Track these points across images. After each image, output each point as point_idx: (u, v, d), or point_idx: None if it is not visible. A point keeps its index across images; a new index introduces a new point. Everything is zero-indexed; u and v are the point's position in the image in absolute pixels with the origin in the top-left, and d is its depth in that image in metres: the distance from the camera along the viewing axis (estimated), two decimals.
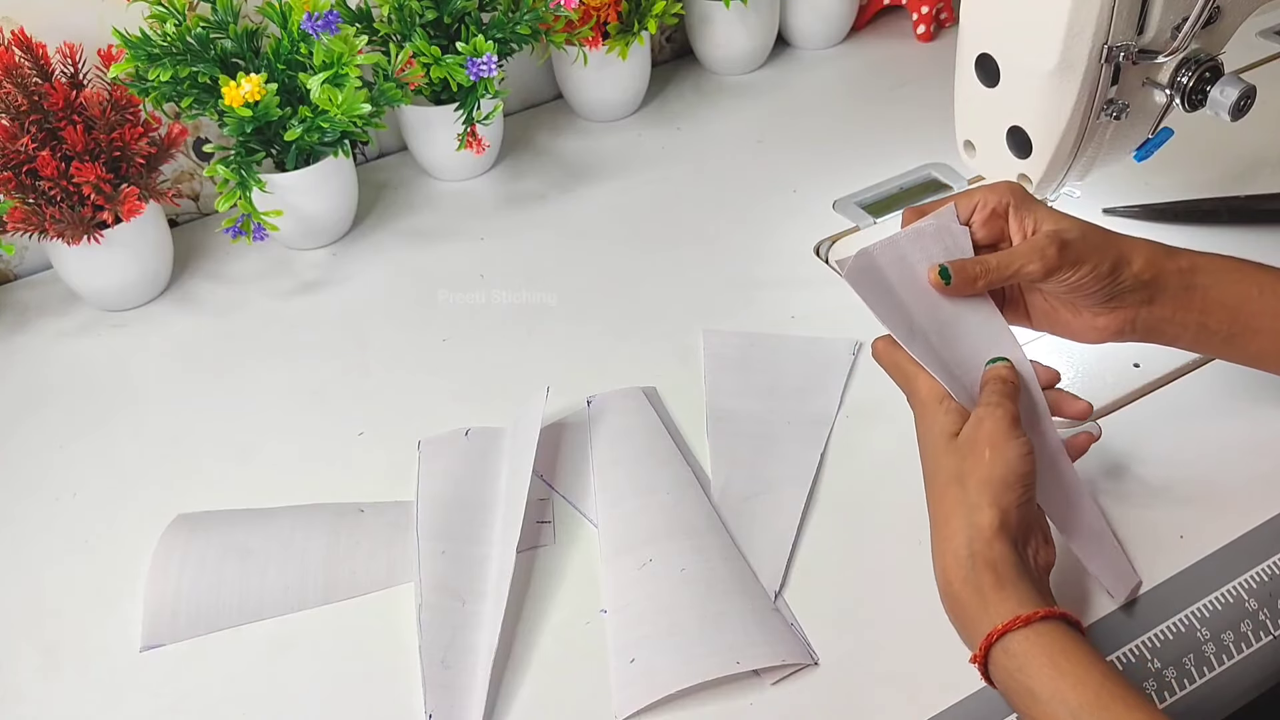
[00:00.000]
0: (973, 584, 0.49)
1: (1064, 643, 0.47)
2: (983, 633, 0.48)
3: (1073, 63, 0.62)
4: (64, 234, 0.77)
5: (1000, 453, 0.51)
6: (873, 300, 0.56)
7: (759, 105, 1.04)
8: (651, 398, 0.72)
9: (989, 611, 0.49)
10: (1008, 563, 0.49)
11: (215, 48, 0.81)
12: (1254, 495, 0.63)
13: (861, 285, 0.56)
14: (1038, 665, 0.47)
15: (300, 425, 0.74)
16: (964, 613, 0.50)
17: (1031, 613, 0.48)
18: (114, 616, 0.62)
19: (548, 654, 0.58)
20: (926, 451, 0.55)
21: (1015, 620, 0.47)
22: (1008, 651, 0.48)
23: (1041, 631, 0.47)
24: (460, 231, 0.91)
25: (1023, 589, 0.49)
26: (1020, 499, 0.51)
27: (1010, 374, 0.56)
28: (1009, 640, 0.48)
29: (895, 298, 0.57)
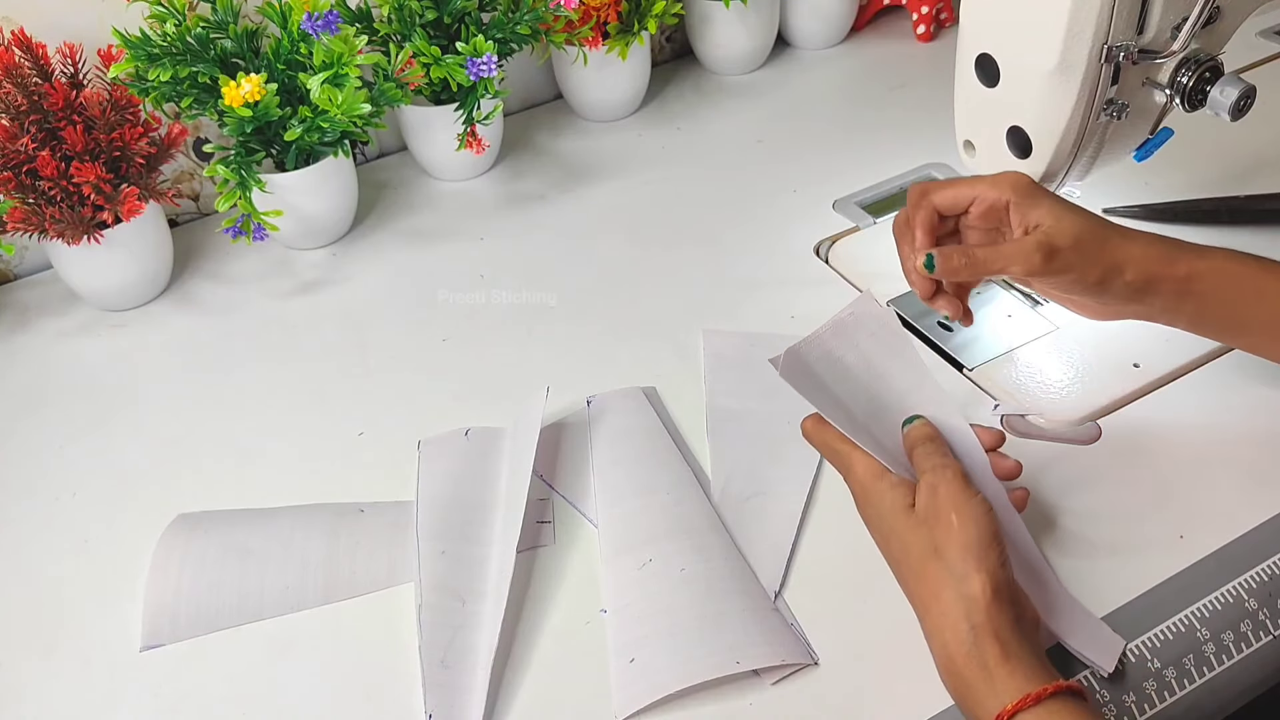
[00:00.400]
0: (977, 659, 0.48)
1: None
2: (991, 712, 0.47)
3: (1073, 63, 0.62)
4: (64, 234, 0.77)
5: (965, 514, 0.51)
6: (811, 396, 0.56)
7: (759, 105, 1.04)
8: (651, 398, 0.72)
9: (995, 689, 0.47)
10: (1009, 629, 0.48)
11: (215, 48, 0.81)
12: (1254, 495, 0.63)
13: (796, 383, 0.56)
14: None
15: (300, 425, 0.74)
16: (969, 691, 0.49)
17: (1040, 690, 0.46)
18: (114, 616, 0.62)
19: (548, 654, 0.58)
20: (885, 529, 0.54)
21: (1025, 699, 0.46)
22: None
23: (1054, 710, 0.46)
24: (460, 231, 0.91)
25: (1027, 660, 0.48)
26: (1000, 558, 0.50)
27: (931, 430, 0.56)
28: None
29: (829, 392, 0.57)
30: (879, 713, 0.55)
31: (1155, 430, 0.67)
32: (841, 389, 0.58)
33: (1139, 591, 0.58)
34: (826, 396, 0.57)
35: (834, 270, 0.83)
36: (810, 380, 0.57)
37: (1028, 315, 0.76)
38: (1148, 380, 0.70)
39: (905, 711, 0.54)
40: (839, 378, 0.58)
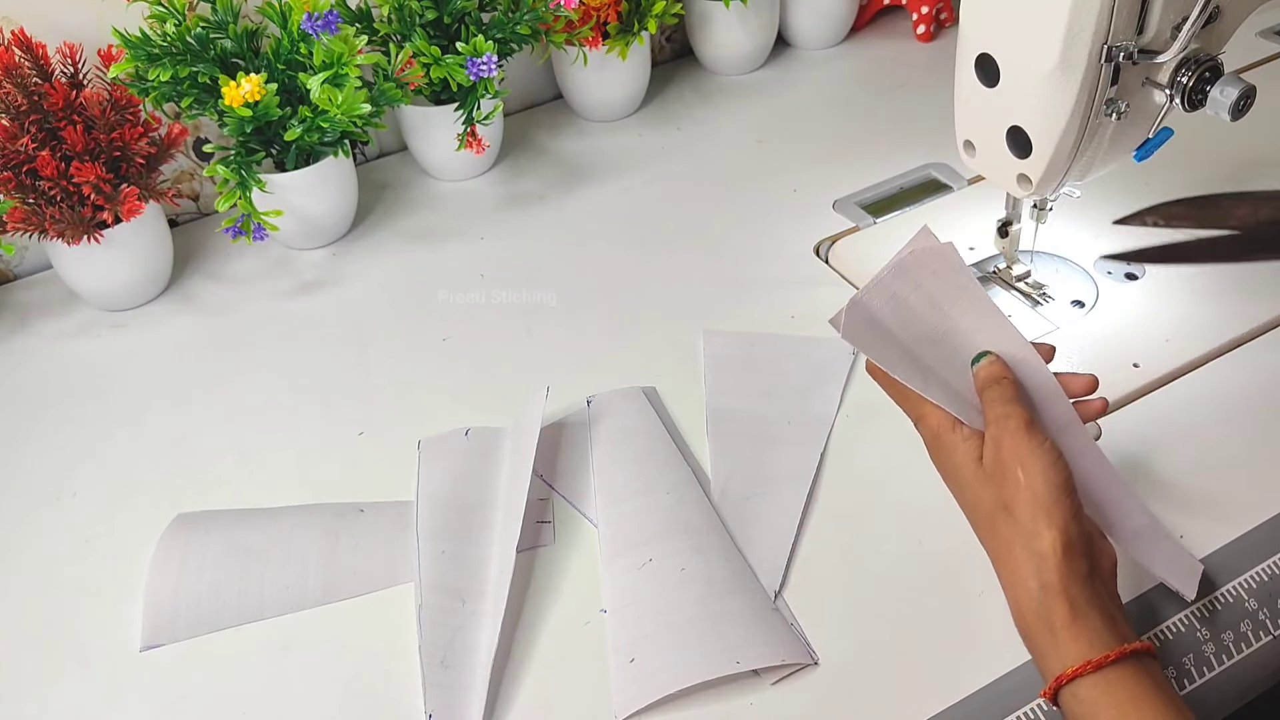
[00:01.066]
0: (1044, 619, 0.48)
1: (1134, 692, 0.46)
2: (1053, 672, 0.47)
3: (1073, 63, 0.62)
4: (64, 234, 0.77)
5: (1031, 468, 0.50)
6: (876, 351, 0.54)
7: (759, 105, 1.04)
8: (651, 398, 0.72)
9: (1059, 650, 0.47)
10: (1079, 588, 0.48)
11: (215, 48, 0.81)
12: (1254, 495, 0.63)
13: (860, 338, 0.54)
14: (1106, 716, 0.45)
15: (300, 425, 0.74)
16: (1036, 649, 0.49)
17: (1102, 657, 0.46)
18: (114, 616, 0.62)
19: (548, 654, 0.58)
20: (957, 484, 0.54)
21: (1086, 665, 0.46)
22: (1077, 697, 0.46)
23: (1113, 679, 0.46)
24: (460, 231, 0.91)
25: (1095, 623, 0.47)
26: (1071, 509, 0.49)
27: (999, 369, 0.54)
28: (1078, 686, 0.46)
29: (896, 341, 0.56)
30: (879, 713, 0.55)
31: (1155, 430, 0.67)
32: (908, 333, 0.56)
33: (1139, 591, 0.58)
34: (893, 347, 0.55)
35: (834, 270, 0.83)
36: (875, 331, 0.55)
37: (1028, 315, 0.76)
38: (1148, 380, 0.70)
39: (905, 711, 0.54)
40: (905, 321, 0.56)
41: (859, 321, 0.55)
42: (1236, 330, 0.73)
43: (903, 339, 0.56)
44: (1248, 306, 0.75)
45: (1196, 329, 0.73)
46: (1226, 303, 0.75)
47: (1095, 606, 0.48)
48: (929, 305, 0.57)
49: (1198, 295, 0.76)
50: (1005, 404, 0.52)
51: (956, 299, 0.57)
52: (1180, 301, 0.76)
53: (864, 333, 0.55)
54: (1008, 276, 0.79)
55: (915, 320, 0.56)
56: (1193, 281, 0.77)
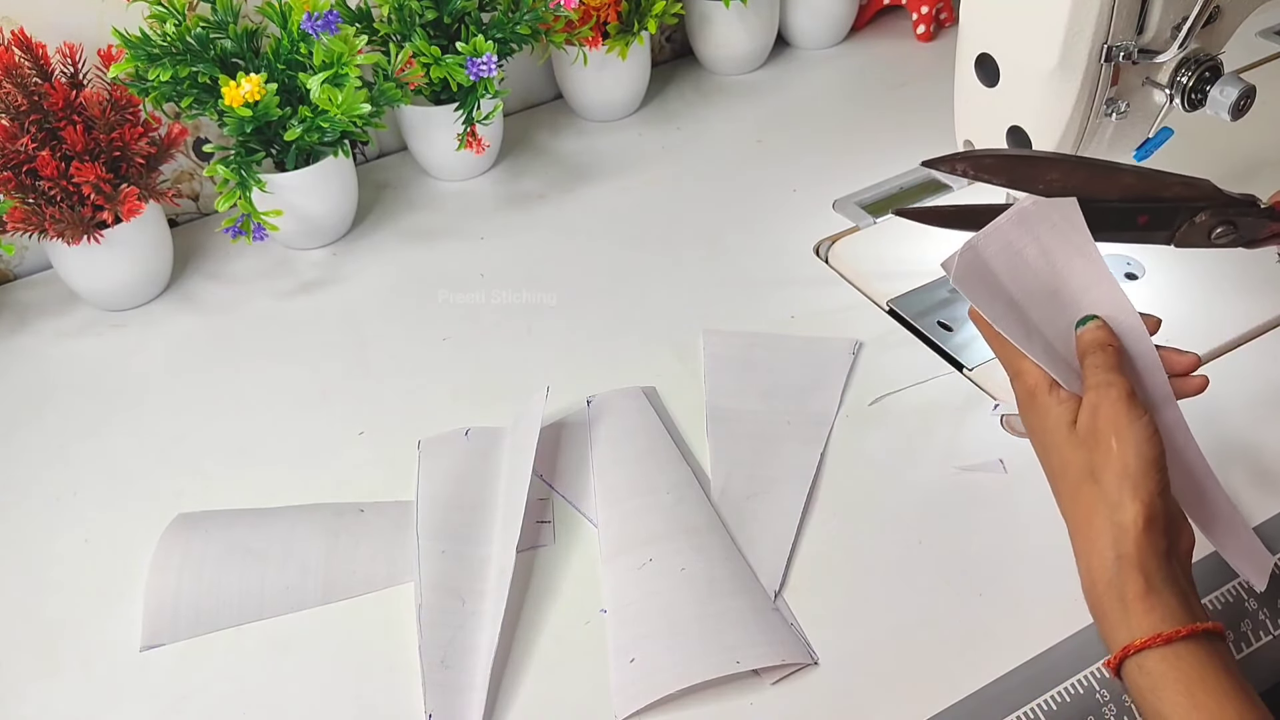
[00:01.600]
0: (1116, 589, 0.47)
1: (1203, 670, 0.45)
2: (1120, 643, 0.47)
3: (1073, 62, 0.62)
4: (64, 234, 0.77)
5: (1125, 439, 0.48)
6: (983, 300, 0.53)
7: (759, 105, 1.04)
8: (651, 398, 0.72)
9: (1129, 622, 0.47)
10: (1156, 564, 0.47)
11: (215, 48, 0.81)
12: (1254, 495, 0.63)
13: (969, 284, 0.53)
14: (1172, 691, 0.45)
15: (300, 425, 0.74)
16: (1105, 618, 0.48)
17: (1173, 631, 0.45)
18: (114, 616, 0.62)
19: (548, 654, 0.58)
20: (1046, 445, 0.52)
21: (1155, 638, 0.45)
22: (1143, 669, 0.46)
23: (1181, 654, 0.45)
24: (460, 231, 0.91)
25: (1168, 599, 0.47)
26: (1159, 485, 0.48)
27: (1104, 334, 0.52)
28: (1145, 658, 0.46)
29: (1004, 292, 0.54)
30: (879, 713, 0.55)
31: None
32: (1018, 286, 0.54)
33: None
34: (1000, 299, 0.54)
35: (834, 270, 0.83)
36: (985, 280, 0.54)
37: None
38: None
39: (905, 711, 0.54)
40: (1017, 273, 0.54)
41: (971, 267, 0.54)
42: (1236, 330, 0.73)
43: (1011, 291, 0.54)
44: (1248, 306, 0.75)
45: (1196, 329, 0.73)
46: (1226, 303, 0.75)
47: (1170, 583, 0.47)
48: (1043, 260, 0.55)
49: (1198, 295, 0.76)
50: (1108, 371, 0.51)
51: (1072, 257, 0.55)
52: (1180, 301, 0.76)
53: (974, 279, 0.53)
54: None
55: (1026, 273, 0.55)
56: (1193, 281, 0.77)
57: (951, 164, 0.54)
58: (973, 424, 0.69)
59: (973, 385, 0.72)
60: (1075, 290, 0.55)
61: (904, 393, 0.72)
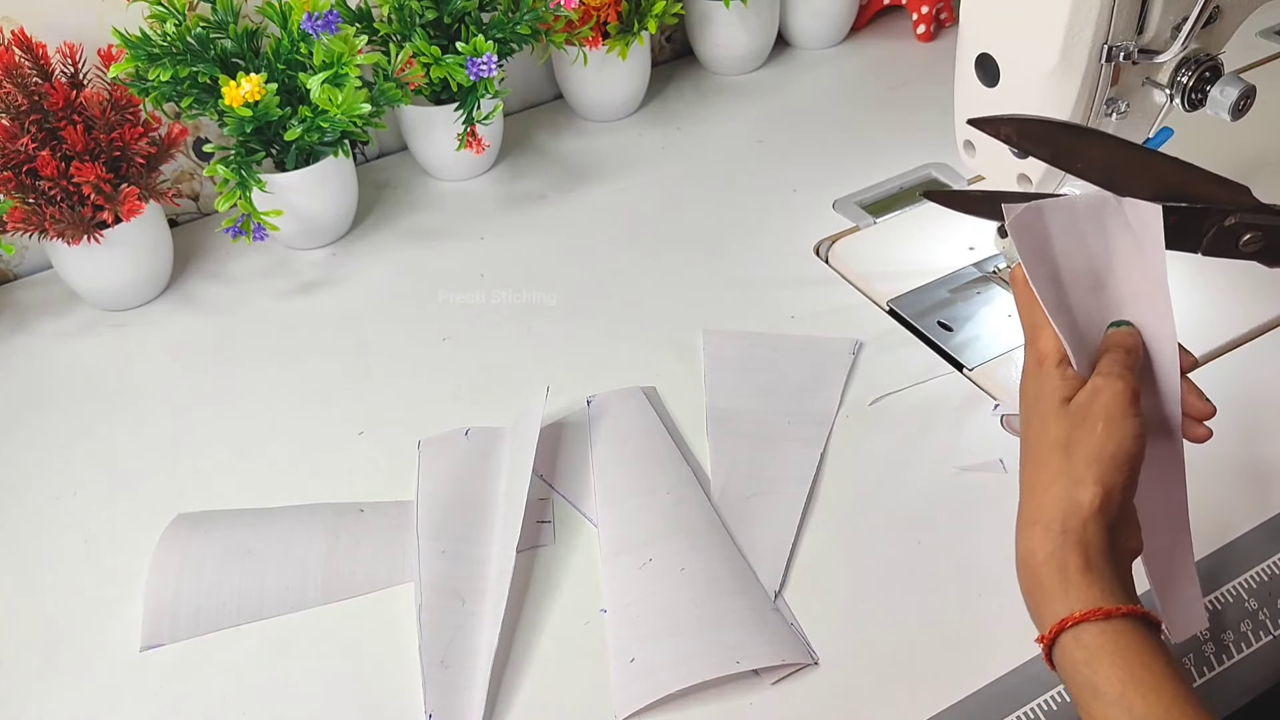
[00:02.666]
0: (1058, 561, 0.47)
1: (1141, 647, 0.45)
2: (1057, 615, 0.46)
3: (1073, 62, 0.62)
4: (64, 234, 0.77)
5: (1114, 429, 0.48)
6: (1029, 258, 0.52)
7: (759, 105, 1.04)
8: (651, 398, 0.72)
9: (1069, 595, 0.46)
10: (1099, 547, 0.47)
11: (215, 48, 0.81)
12: (1254, 495, 0.63)
13: (1023, 238, 0.52)
14: (1109, 664, 0.45)
15: (300, 425, 0.74)
16: (1040, 589, 0.48)
17: (1114, 607, 0.45)
18: (114, 616, 0.62)
19: (548, 654, 0.58)
20: (1035, 412, 0.52)
21: (1095, 611, 0.45)
22: (1080, 642, 0.46)
23: (1121, 630, 0.45)
24: (460, 231, 0.91)
25: (1109, 579, 0.47)
26: (1125, 482, 0.48)
27: (1134, 341, 0.52)
28: (1083, 631, 0.46)
29: (1053, 264, 0.53)
30: (879, 713, 0.55)
31: None
32: (1068, 264, 0.54)
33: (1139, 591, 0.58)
34: (1044, 263, 0.53)
35: (834, 270, 0.83)
36: (1038, 241, 0.53)
37: None
38: None
39: (905, 711, 0.54)
40: (1072, 250, 0.54)
41: (1031, 225, 0.53)
42: (1236, 330, 0.73)
43: (1060, 265, 0.53)
44: (1248, 306, 0.75)
45: (1197, 329, 0.73)
46: (1226, 303, 0.75)
47: (1111, 567, 0.47)
48: (1103, 251, 0.54)
49: (1198, 295, 0.76)
50: (1122, 368, 0.51)
51: (1134, 260, 0.54)
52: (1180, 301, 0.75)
53: (1029, 236, 0.53)
54: (1008, 276, 0.79)
55: (1081, 256, 0.54)
56: (1193, 281, 0.77)
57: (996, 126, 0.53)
58: (973, 424, 0.69)
59: (973, 385, 0.72)
60: (1125, 293, 0.54)
61: (904, 393, 0.72)
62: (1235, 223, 0.56)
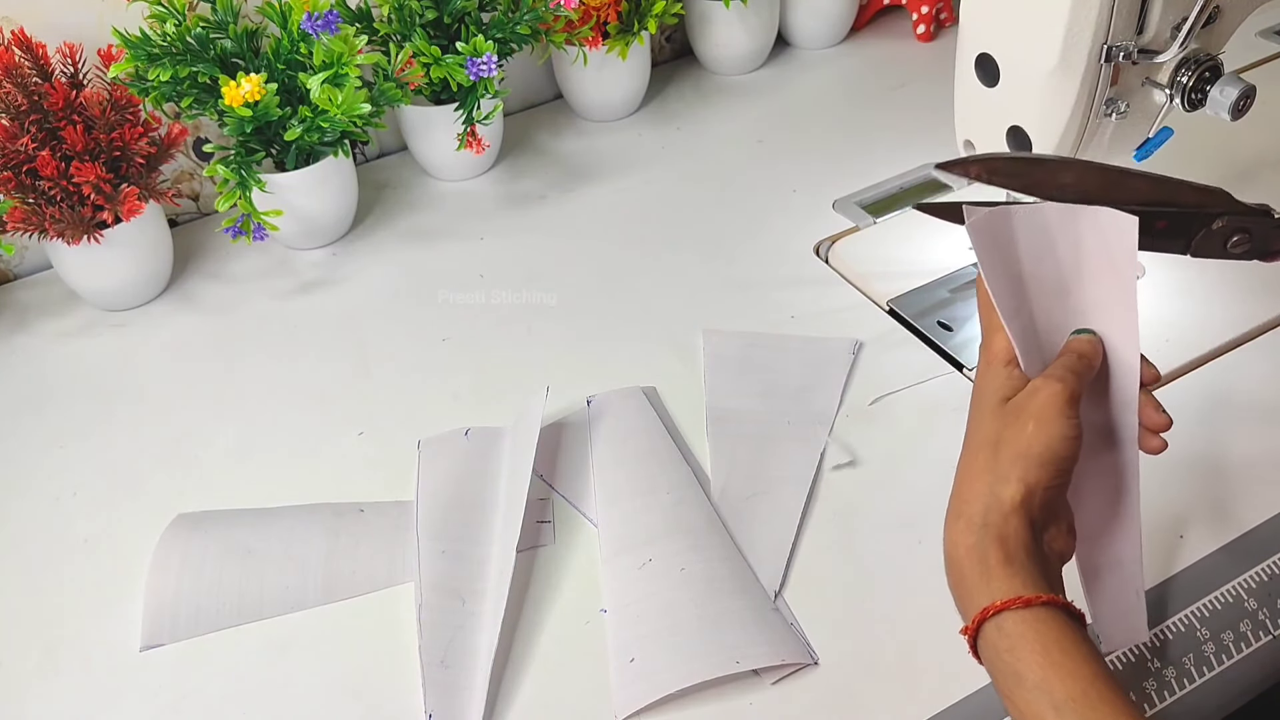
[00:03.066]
0: (979, 554, 0.48)
1: (1060, 633, 0.46)
2: (979, 605, 0.47)
3: (1073, 62, 0.62)
4: (64, 234, 0.77)
5: (1044, 429, 0.49)
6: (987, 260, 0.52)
7: (759, 105, 1.04)
8: (651, 398, 0.72)
9: (990, 585, 0.47)
10: (1020, 541, 0.48)
11: (215, 48, 0.81)
12: (1254, 495, 0.63)
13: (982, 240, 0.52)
14: (1029, 650, 0.45)
15: (300, 425, 0.74)
16: (964, 582, 0.49)
17: (1033, 595, 0.46)
18: (114, 616, 0.62)
19: (548, 654, 0.58)
20: (976, 409, 0.53)
21: (1015, 600, 0.46)
22: (1001, 630, 0.46)
23: (1041, 617, 0.46)
24: (460, 231, 0.91)
25: (1030, 571, 0.47)
26: (1051, 481, 0.49)
27: (1091, 349, 0.52)
28: (1004, 619, 0.46)
29: (1017, 266, 0.53)
30: (879, 713, 0.55)
31: None
32: (1034, 266, 0.54)
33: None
34: (1007, 268, 0.53)
35: (834, 270, 0.83)
36: (1000, 245, 0.53)
37: None
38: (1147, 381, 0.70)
39: (905, 711, 0.54)
40: (1039, 255, 0.53)
41: (993, 226, 0.53)
42: (1236, 330, 0.73)
43: (1025, 268, 0.54)
44: (1248, 306, 0.75)
45: (1196, 329, 0.73)
46: (1226, 303, 0.75)
47: (1033, 561, 0.48)
48: (1073, 259, 0.54)
49: (1198, 295, 0.76)
50: (1068, 372, 0.51)
51: (1104, 271, 0.54)
52: (1180, 301, 0.76)
53: (987, 239, 0.53)
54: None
55: (1049, 261, 0.54)
56: (1193, 281, 0.77)
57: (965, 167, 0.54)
58: None
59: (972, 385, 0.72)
60: (1091, 301, 0.54)
61: (904, 393, 0.72)
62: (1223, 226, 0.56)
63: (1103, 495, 0.54)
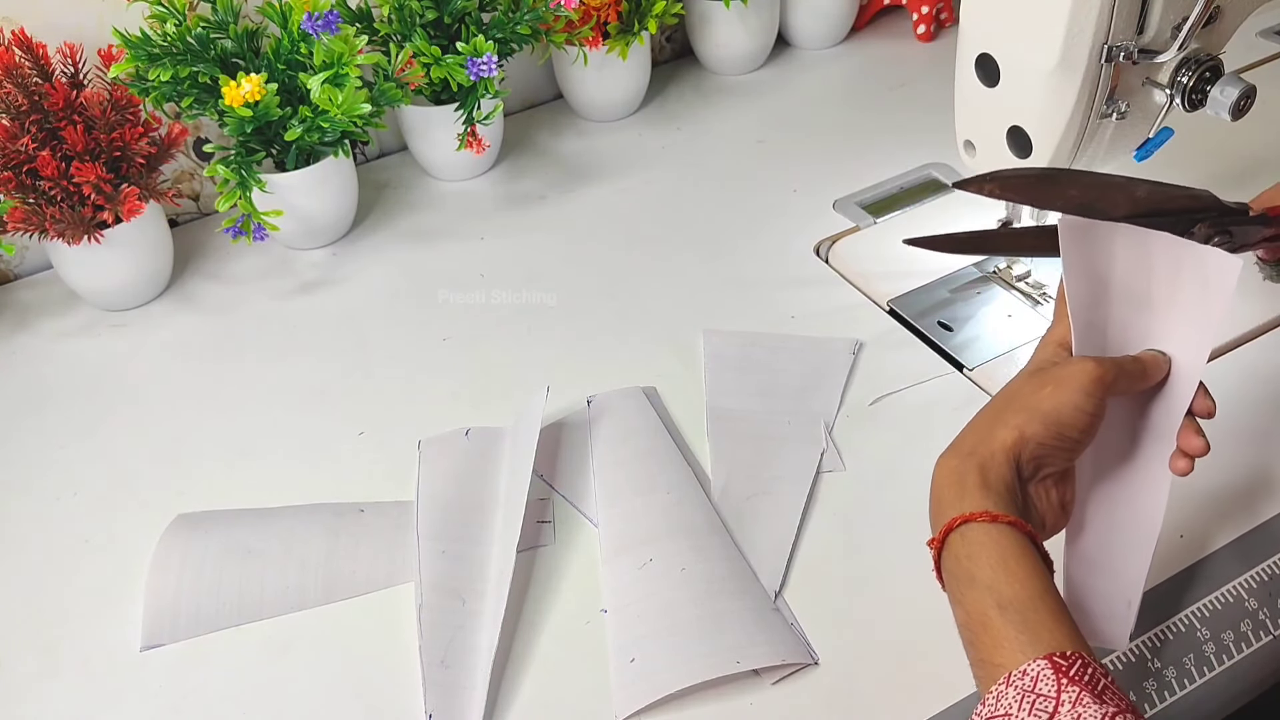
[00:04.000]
0: (957, 475, 0.49)
1: (1020, 550, 0.46)
2: (949, 518, 0.48)
3: (1073, 62, 0.62)
4: (64, 234, 0.77)
5: (1059, 392, 0.50)
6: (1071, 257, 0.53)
7: (759, 105, 1.04)
8: (651, 398, 0.72)
9: (963, 502, 0.48)
10: (999, 475, 0.49)
11: (215, 48, 0.81)
12: (1254, 495, 0.63)
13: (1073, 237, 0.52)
14: (987, 556, 0.46)
15: (300, 425, 0.74)
16: (940, 503, 0.49)
17: (1001, 514, 0.47)
18: (114, 616, 0.62)
19: (548, 654, 0.58)
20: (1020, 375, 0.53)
21: (983, 514, 0.47)
22: (964, 537, 0.47)
23: (1004, 532, 0.47)
24: (460, 231, 0.91)
25: (1003, 497, 0.48)
26: (1047, 439, 0.49)
27: (1154, 362, 0.52)
28: (969, 528, 0.47)
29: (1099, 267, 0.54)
30: (879, 713, 0.55)
31: None
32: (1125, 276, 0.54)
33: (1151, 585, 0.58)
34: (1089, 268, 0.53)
35: (834, 270, 0.83)
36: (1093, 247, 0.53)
37: (1028, 315, 0.76)
38: None
39: (905, 711, 0.54)
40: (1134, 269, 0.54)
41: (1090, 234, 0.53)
42: (1236, 330, 0.73)
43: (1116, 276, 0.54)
44: (1248, 306, 0.75)
45: None
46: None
47: (1008, 495, 0.49)
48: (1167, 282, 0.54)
49: None
50: (1116, 363, 0.51)
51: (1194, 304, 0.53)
52: None
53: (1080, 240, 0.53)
54: (1008, 276, 0.79)
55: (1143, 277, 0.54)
56: None
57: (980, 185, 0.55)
58: None
59: (973, 385, 0.72)
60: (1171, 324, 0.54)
61: (904, 393, 0.72)
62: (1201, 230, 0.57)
63: (1124, 504, 0.54)
